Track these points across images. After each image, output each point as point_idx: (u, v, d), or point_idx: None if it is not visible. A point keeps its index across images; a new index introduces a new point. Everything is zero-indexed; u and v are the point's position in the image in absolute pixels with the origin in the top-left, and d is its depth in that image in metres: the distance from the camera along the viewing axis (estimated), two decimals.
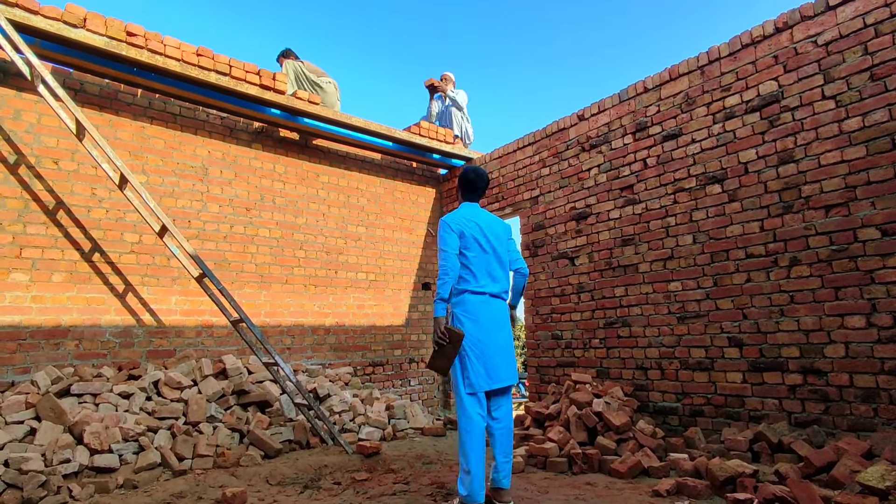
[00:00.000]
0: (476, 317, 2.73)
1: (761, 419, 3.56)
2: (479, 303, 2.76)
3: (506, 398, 2.80)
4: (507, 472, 2.67)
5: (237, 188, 5.04)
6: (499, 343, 2.75)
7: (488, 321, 2.75)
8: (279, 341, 5.10)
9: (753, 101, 3.78)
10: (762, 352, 3.62)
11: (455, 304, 2.81)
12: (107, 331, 4.19)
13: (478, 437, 2.61)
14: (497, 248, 2.86)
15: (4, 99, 3.98)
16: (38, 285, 3.94)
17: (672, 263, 4.19)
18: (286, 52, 5.71)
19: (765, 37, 3.75)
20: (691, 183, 4.10)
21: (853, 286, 3.25)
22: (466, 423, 2.63)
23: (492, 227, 2.88)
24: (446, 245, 2.76)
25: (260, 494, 2.93)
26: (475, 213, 2.90)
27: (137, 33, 4.15)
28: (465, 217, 2.86)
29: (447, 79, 6.98)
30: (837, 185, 3.35)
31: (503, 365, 2.73)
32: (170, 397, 3.83)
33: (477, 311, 2.74)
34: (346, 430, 4.31)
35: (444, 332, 2.64)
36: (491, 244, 2.83)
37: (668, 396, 4.14)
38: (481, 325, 2.73)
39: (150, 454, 3.28)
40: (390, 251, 6.13)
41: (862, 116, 3.27)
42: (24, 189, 3.97)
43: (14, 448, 3.02)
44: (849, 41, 3.35)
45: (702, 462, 3.02)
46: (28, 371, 3.81)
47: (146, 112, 4.63)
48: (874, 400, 3.11)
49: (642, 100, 4.51)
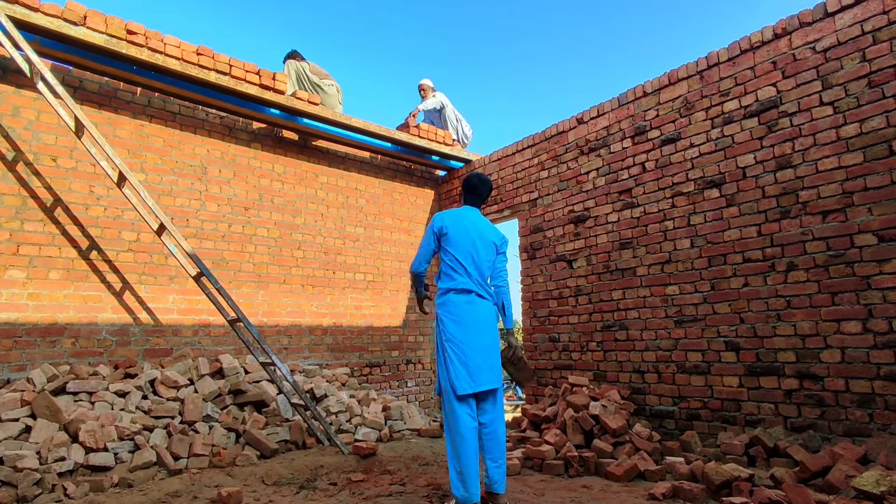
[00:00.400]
0: (459, 318, 2.73)
1: (757, 423, 3.57)
2: (464, 303, 2.75)
3: (492, 402, 2.75)
4: (500, 478, 2.66)
5: (236, 187, 5.04)
6: (482, 345, 2.71)
7: (471, 323, 2.73)
8: (276, 341, 5.09)
9: (752, 107, 3.80)
10: (759, 356, 3.63)
11: (439, 305, 2.82)
12: (103, 329, 4.17)
13: (468, 437, 2.59)
14: (481, 250, 2.85)
15: (3, 95, 3.97)
16: (35, 282, 3.93)
17: (670, 267, 4.20)
18: (292, 53, 5.73)
19: (764, 42, 3.77)
20: (690, 187, 4.12)
21: (850, 292, 3.26)
22: (454, 424, 2.62)
23: (482, 232, 2.90)
24: (424, 239, 2.96)
25: (256, 494, 2.92)
26: (470, 214, 2.94)
27: (137, 31, 4.15)
28: (458, 215, 2.90)
29: (425, 87, 6.79)
30: (835, 190, 3.37)
31: (486, 367, 2.69)
32: (166, 396, 3.82)
33: (460, 312, 2.74)
34: (342, 431, 4.30)
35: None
36: (476, 246, 2.84)
37: (664, 400, 4.14)
38: (464, 326, 2.71)
39: (145, 453, 3.27)
40: (388, 252, 6.13)
41: (859, 123, 3.29)
42: (21, 186, 3.96)
43: (9, 445, 3.01)
44: (847, 48, 3.37)
45: (698, 466, 3.02)
46: (24, 368, 3.79)
47: (145, 110, 4.62)
48: (870, 405, 3.12)
49: (641, 104, 4.53)
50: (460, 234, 2.83)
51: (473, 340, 2.71)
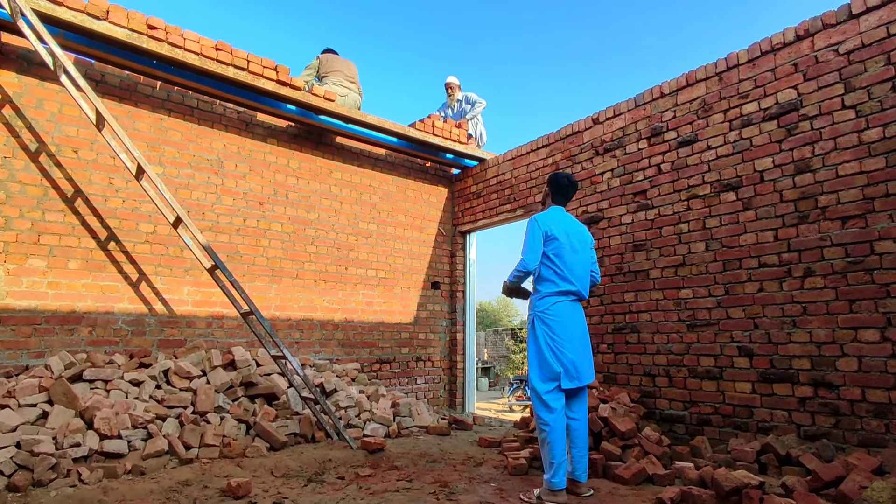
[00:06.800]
0: (560, 317, 2.95)
1: (770, 431, 3.52)
2: (565, 304, 2.98)
3: (584, 396, 3.04)
4: (584, 468, 2.93)
5: (251, 182, 5.09)
6: (581, 344, 2.98)
7: (572, 322, 2.97)
8: (288, 335, 5.14)
9: (771, 109, 3.74)
10: (773, 363, 3.58)
11: (539, 305, 3.01)
12: (120, 318, 4.25)
13: (560, 430, 2.84)
14: (580, 251, 3.08)
15: (28, 88, 4.05)
16: (55, 272, 4.01)
17: (683, 270, 4.15)
18: (324, 50, 5.91)
19: (785, 44, 3.71)
20: (705, 190, 4.07)
21: (868, 299, 3.20)
22: (548, 417, 2.85)
23: (579, 233, 3.13)
24: (532, 239, 3.02)
25: (264, 486, 2.96)
26: (563, 218, 3.13)
27: (158, 26, 4.21)
28: (553, 219, 3.08)
29: (452, 86, 7.07)
30: (855, 196, 3.30)
31: (584, 365, 2.95)
32: (179, 386, 3.88)
33: (561, 312, 2.96)
34: (351, 426, 4.33)
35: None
36: (575, 248, 3.05)
37: (675, 404, 4.10)
38: (565, 325, 2.94)
39: (158, 442, 3.33)
40: (401, 249, 6.15)
41: (882, 127, 3.22)
42: (43, 177, 4.05)
43: (26, 430, 3.08)
44: (871, 50, 3.30)
45: (707, 471, 2.99)
46: (42, 355, 3.88)
47: (164, 104, 4.69)
48: (886, 415, 3.06)
49: (658, 105, 4.48)
50: (560, 241, 3.02)
51: (574, 339, 2.95)
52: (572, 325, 2.97)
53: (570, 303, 3.01)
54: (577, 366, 2.91)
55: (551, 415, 2.85)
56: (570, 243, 3.04)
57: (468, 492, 2.96)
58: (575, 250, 3.04)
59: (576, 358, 2.92)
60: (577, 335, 2.97)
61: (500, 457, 3.82)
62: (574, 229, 3.12)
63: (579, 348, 2.96)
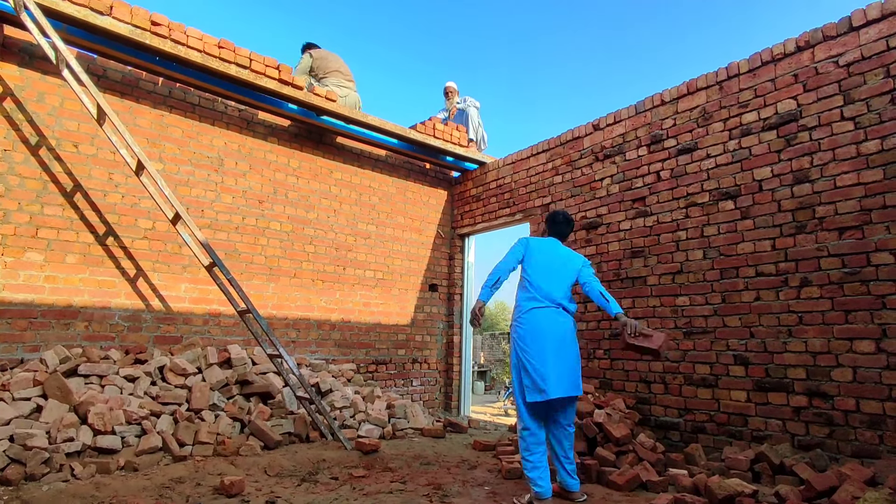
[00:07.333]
0: (531, 325, 2.90)
1: (764, 440, 3.52)
2: (541, 311, 2.92)
3: (571, 406, 2.99)
4: (573, 473, 2.93)
5: (251, 180, 5.09)
6: (557, 355, 2.85)
7: (548, 330, 2.88)
8: (284, 334, 5.13)
9: (771, 119, 3.76)
10: (768, 372, 3.59)
11: (514, 315, 3.00)
12: (116, 314, 4.24)
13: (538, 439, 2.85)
14: (558, 271, 3.02)
15: (29, 81, 4.05)
16: (52, 265, 4.00)
17: (681, 278, 4.16)
18: (306, 45, 5.85)
19: (785, 55, 3.73)
20: (704, 198, 4.08)
21: (864, 310, 3.21)
22: (522, 425, 2.87)
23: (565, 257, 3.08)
24: (510, 251, 3.07)
25: (258, 485, 2.95)
26: (552, 243, 3.14)
27: (161, 23, 4.22)
28: (540, 241, 3.12)
29: (451, 90, 7.14)
30: (853, 207, 3.32)
31: (558, 377, 2.82)
32: (174, 383, 3.87)
33: (533, 320, 2.90)
34: (346, 426, 4.33)
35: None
36: (554, 266, 3.02)
37: (670, 411, 4.11)
38: (536, 333, 2.87)
39: (151, 438, 3.32)
40: (399, 251, 6.15)
41: (881, 139, 3.24)
42: (43, 170, 4.04)
43: (20, 424, 3.07)
44: (871, 63, 3.32)
45: (701, 479, 2.99)
46: (38, 349, 3.87)
47: (166, 101, 4.69)
48: (880, 426, 3.07)
49: (658, 112, 4.50)
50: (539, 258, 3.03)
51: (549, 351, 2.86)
52: (546, 334, 2.85)
53: (548, 310, 2.91)
54: (547, 378, 2.77)
55: (526, 422, 2.86)
56: (549, 261, 3.02)
57: (462, 494, 2.96)
58: (552, 269, 3.00)
59: (547, 371, 2.78)
60: (550, 345, 2.83)
61: (494, 460, 3.82)
62: (560, 252, 3.09)
63: (552, 360, 2.81)
